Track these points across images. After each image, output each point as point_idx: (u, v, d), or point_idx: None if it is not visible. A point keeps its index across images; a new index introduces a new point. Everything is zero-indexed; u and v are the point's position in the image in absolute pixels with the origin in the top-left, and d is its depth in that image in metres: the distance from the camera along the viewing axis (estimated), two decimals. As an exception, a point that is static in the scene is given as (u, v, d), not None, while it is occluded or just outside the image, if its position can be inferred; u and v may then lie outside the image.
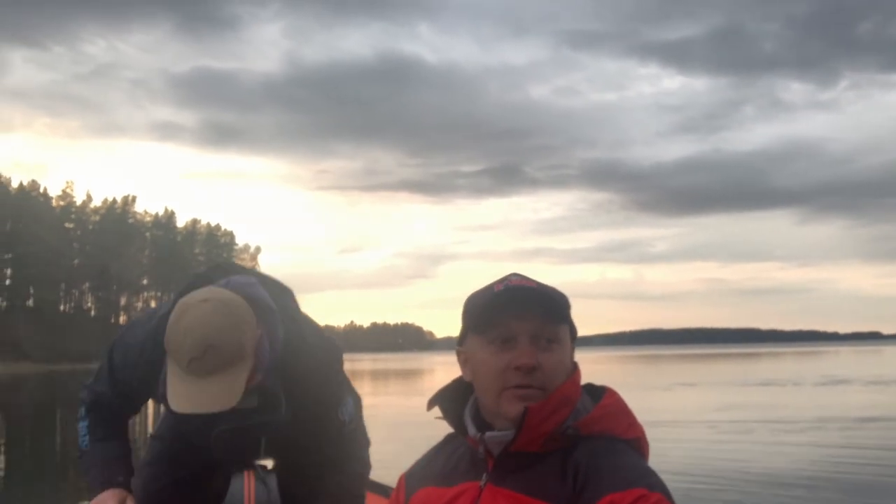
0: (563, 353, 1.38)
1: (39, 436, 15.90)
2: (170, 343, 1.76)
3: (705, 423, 14.05)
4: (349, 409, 2.11)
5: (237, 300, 1.81)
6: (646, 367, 52.84)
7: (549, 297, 1.38)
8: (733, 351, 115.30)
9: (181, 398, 1.76)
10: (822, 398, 20.16)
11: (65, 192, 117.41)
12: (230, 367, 1.75)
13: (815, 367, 42.02)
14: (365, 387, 32.74)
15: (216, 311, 1.75)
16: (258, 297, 1.90)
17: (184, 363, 1.74)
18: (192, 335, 1.72)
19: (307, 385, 2.00)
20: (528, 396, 1.34)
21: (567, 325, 1.42)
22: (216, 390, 1.74)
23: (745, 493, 7.19)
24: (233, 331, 1.75)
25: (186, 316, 1.74)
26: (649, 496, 1.25)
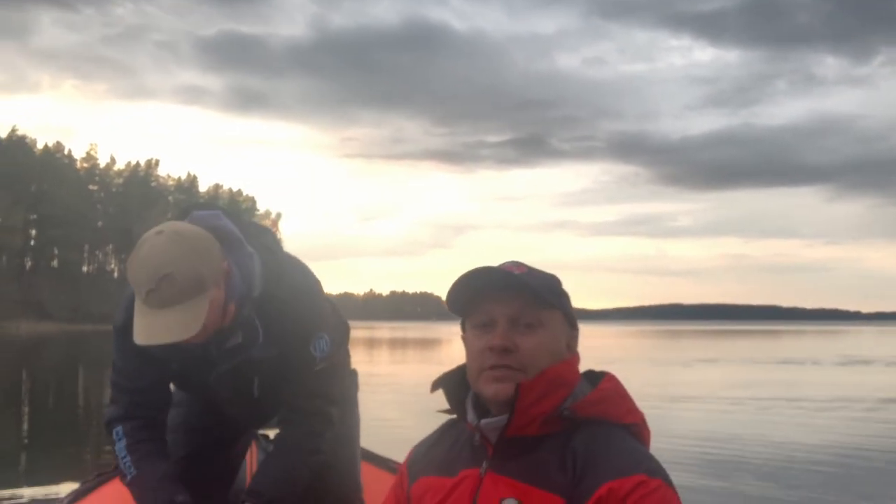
0: (546, 337, 1.38)
1: (62, 394, 16.14)
2: (129, 277, 1.75)
3: (723, 399, 13.99)
4: (323, 344, 2.02)
5: (195, 230, 1.78)
6: (665, 342, 52.75)
7: (529, 282, 1.37)
8: (753, 328, 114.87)
9: (140, 330, 1.74)
10: (842, 378, 20.01)
11: (89, 154, 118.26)
12: (188, 298, 1.72)
13: (835, 346, 41.76)
14: (383, 355, 32.97)
15: (171, 241, 1.73)
16: (221, 227, 1.86)
17: (142, 295, 1.72)
18: (146, 266, 1.71)
19: (286, 315, 1.96)
20: (503, 377, 1.35)
21: (556, 311, 1.41)
22: (173, 321, 1.71)
23: (760, 471, 7.14)
24: (187, 260, 1.72)
25: (143, 248, 1.73)
26: (649, 482, 1.26)
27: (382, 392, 14.46)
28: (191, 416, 2.25)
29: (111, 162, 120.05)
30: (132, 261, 1.74)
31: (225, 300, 1.82)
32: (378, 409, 10.75)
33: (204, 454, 2.25)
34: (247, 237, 1.95)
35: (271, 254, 1.99)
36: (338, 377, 2.17)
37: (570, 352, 1.43)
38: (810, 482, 6.74)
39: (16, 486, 6.21)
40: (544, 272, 1.45)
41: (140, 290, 1.73)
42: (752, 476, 6.94)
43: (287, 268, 2.02)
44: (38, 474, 6.87)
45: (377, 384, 15.86)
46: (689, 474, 6.90)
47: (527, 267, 1.44)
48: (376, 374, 19.47)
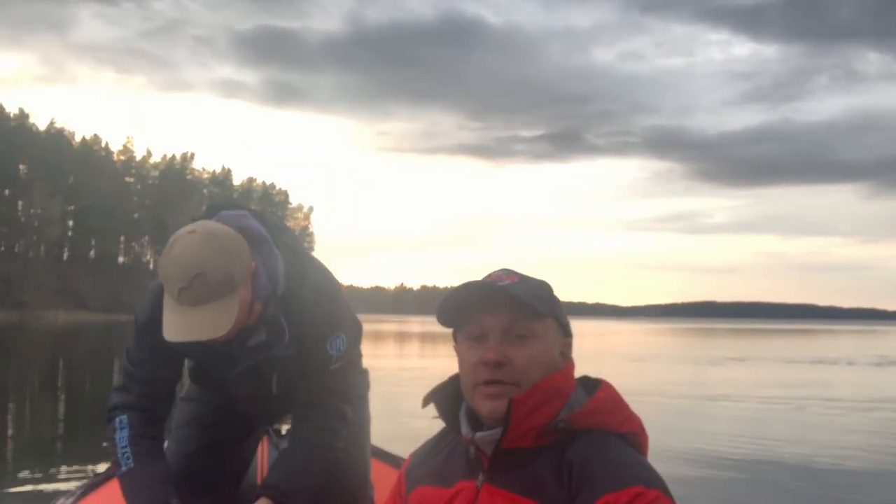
0: (539, 348, 1.36)
1: (97, 382, 16.41)
2: (161, 274, 1.79)
3: (754, 398, 13.84)
4: (339, 344, 2.06)
5: (226, 231, 1.83)
6: (697, 340, 52.23)
7: (519, 294, 1.35)
8: (788, 327, 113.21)
9: (172, 326, 1.79)
10: (877, 379, 19.68)
11: (125, 147, 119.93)
12: (219, 297, 1.77)
13: (872, 346, 41.02)
14: (413, 348, 33.05)
15: (204, 240, 1.77)
16: (249, 227, 1.92)
17: (174, 293, 1.77)
18: (180, 265, 1.75)
19: (306, 314, 2.00)
20: (497, 394, 1.33)
21: (549, 319, 1.39)
22: (205, 319, 1.77)
23: (789, 470, 7.07)
24: (220, 260, 1.76)
25: (175, 246, 1.77)
26: (646, 493, 1.24)
27: (414, 384, 14.53)
28: (204, 411, 2.29)
29: (147, 155, 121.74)
30: (165, 258, 1.78)
31: (251, 299, 1.88)
32: (406, 403, 10.82)
33: (216, 448, 2.28)
34: (272, 237, 1.99)
35: (294, 254, 2.04)
36: (352, 376, 2.20)
37: (564, 360, 1.41)
38: (839, 483, 6.67)
39: (51, 473, 6.36)
40: (535, 279, 1.44)
41: (172, 288, 1.77)
42: (782, 474, 6.88)
43: (309, 268, 2.06)
44: (73, 461, 7.01)
45: (407, 378, 15.92)
46: (718, 470, 6.87)
47: (517, 275, 1.42)
48: (407, 368, 19.54)
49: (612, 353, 29.55)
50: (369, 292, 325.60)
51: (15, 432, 9.28)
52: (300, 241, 2.15)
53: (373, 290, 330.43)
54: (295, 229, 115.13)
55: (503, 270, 1.44)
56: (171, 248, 1.78)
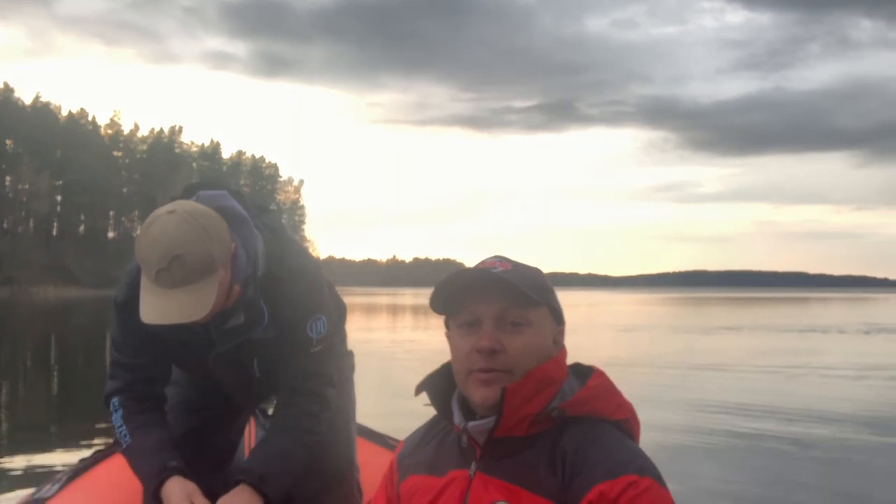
0: (533, 335, 1.36)
1: (90, 358, 16.38)
2: (138, 255, 1.75)
3: (745, 366, 13.93)
4: (319, 326, 2.02)
5: (206, 211, 1.79)
6: (689, 309, 52.50)
7: (514, 281, 1.34)
8: (780, 295, 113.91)
9: (150, 309, 1.74)
10: (867, 347, 19.82)
11: (112, 120, 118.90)
12: (198, 279, 1.73)
13: (862, 314, 41.33)
14: (406, 320, 33.11)
15: (182, 221, 1.73)
16: (229, 208, 1.87)
17: (151, 274, 1.73)
18: (158, 246, 1.71)
19: (285, 296, 1.97)
20: (491, 381, 1.33)
21: (542, 307, 1.39)
22: (185, 301, 1.73)
23: (781, 437, 7.12)
24: (200, 241, 1.72)
25: (153, 227, 1.73)
26: (639, 481, 1.24)
27: (406, 356, 14.57)
28: (188, 395, 2.26)
29: (135, 128, 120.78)
30: (142, 239, 1.74)
31: (230, 281, 1.84)
32: (399, 376, 10.84)
33: (202, 432, 2.25)
34: (251, 217, 1.95)
35: (274, 235, 2.00)
36: (334, 359, 2.16)
37: (556, 348, 1.41)
38: (833, 450, 6.71)
39: (44, 452, 6.34)
40: (529, 266, 1.43)
41: (150, 269, 1.73)
42: (776, 442, 6.93)
43: (288, 250, 2.02)
44: (67, 440, 6.98)
45: (400, 351, 15.94)
46: (711, 438, 6.91)
47: (511, 262, 1.41)
48: (399, 341, 19.58)
49: (603, 323, 29.66)
50: (361, 265, 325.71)
51: (7, 410, 9.24)
52: (281, 222, 2.11)
53: (365, 263, 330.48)
54: (285, 202, 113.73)
55: (496, 257, 1.43)
56: (148, 229, 1.74)
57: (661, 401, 8.86)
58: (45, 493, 2.44)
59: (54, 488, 2.46)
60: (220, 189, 1.95)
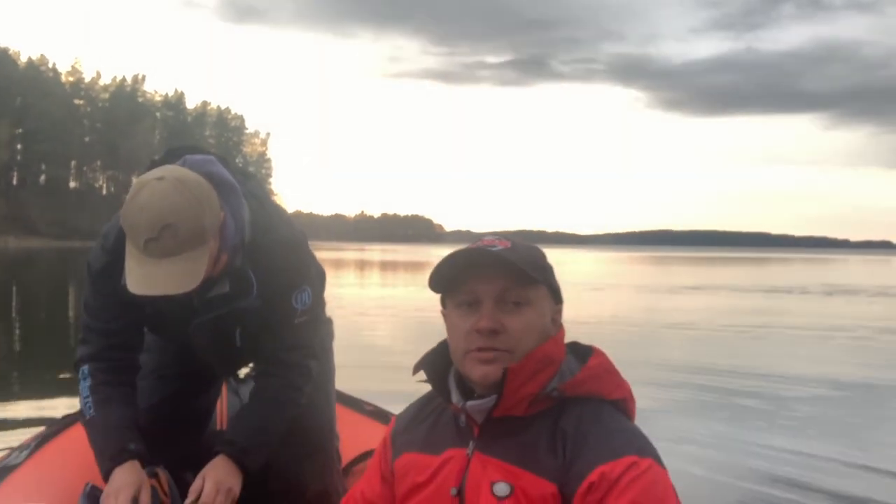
0: (533, 315, 1.36)
1: (53, 308, 16.16)
2: (125, 222, 1.66)
3: (709, 326, 14.13)
4: (304, 297, 2.00)
5: (196, 178, 1.71)
6: (654, 268, 53.13)
7: (514, 260, 1.34)
8: (742, 255, 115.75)
9: (138, 280, 1.66)
10: (830, 308, 20.22)
11: (74, 68, 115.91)
12: (189, 249, 1.66)
13: (822, 275, 42.12)
14: (374, 277, 33.09)
15: (173, 188, 1.64)
16: (217, 174, 1.80)
17: (140, 243, 1.64)
18: (147, 214, 1.62)
19: (272, 266, 1.92)
20: (491, 359, 1.33)
21: (542, 286, 1.37)
22: (175, 272, 1.65)
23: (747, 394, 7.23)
24: (191, 210, 1.65)
25: (142, 194, 1.64)
26: (640, 462, 1.25)
27: (377, 313, 14.56)
28: (163, 362, 2.20)
29: (97, 76, 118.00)
30: (130, 206, 1.65)
31: (219, 250, 1.78)
32: (371, 333, 10.82)
33: (177, 399, 2.21)
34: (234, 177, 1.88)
35: (260, 203, 1.93)
36: (317, 329, 2.12)
37: (555, 327, 1.40)
38: (803, 406, 6.83)
39: (10, 403, 6.22)
40: (528, 245, 1.41)
41: (138, 238, 1.64)
42: (743, 398, 7.03)
43: (275, 218, 1.97)
44: (31, 392, 6.86)
45: (371, 307, 15.92)
46: (677, 398, 6.98)
47: (510, 240, 1.39)
48: (370, 297, 19.54)
49: (571, 282, 29.88)
50: (329, 220, 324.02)
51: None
52: (265, 190, 2.05)
53: (333, 218, 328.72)
54: (252, 155, 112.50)
55: (495, 235, 1.41)
56: (136, 196, 1.64)
57: (626, 361, 8.95)
58: (14, 459, 2.39)
59: (22, 455, 2.41)
60: (206, 153, 1.86)
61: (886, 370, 9.57)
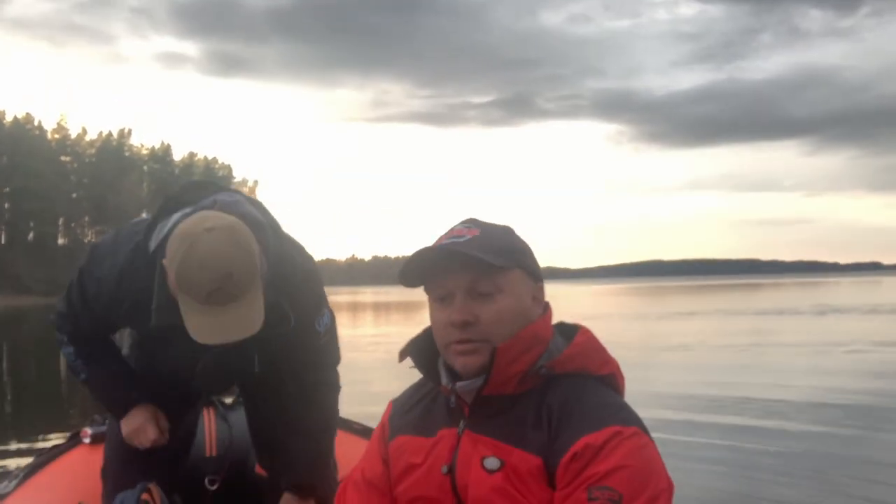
0: (505, 301, 1.35)
1: (43, 367, 16.01)
2: (184, 279, 1.66)
3: (702, 347, 14.13)
4: (325, 321, 2.08)
5: (238, 223, 1.73)
6: (645, 298, 53.18)
7: (477, 252, 1.33)
8: (733, 282, 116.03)
9: (204, 330, 1.68)
10: (821, 326, 20.26)
11: (59, 125, 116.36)
12: (248, 293, 1.69)
13: (813, 297, 42.24)
14: (367, 317, 32.97)
15: (227, 238, 1.67)
16: (249, 215, 1.83)
17: (203, 296, 1.66)
18: (208, 268, 1.64)
19: (295, 296, 1.96)
20: (469, 351, 1.34)
21: (515, 271, 1.37)
22: (237, 317, 1.69)
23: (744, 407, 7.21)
24: (246, 256, 1.68)
25: (197, 249, 1.65)
26: (624, 430, 1.26)
27: (368, 354, 14.50)
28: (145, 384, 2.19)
29: (83, 132, 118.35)
30: (188, 262, 1.65)
31: None
32: (365, 371, 10.77)
33: None
34: None
35: (276, 234, 1.95)
36: (336, 342, 2.20)
37: (537, 305, 1.40)
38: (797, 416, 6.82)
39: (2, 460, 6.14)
40: (498, 228, 1.41)
41: (199, 291, 1.66)
42: (738, 410, 7.01)
43: (290, 248, 2.01)
44: (24, 449, 6.79)
45: (364, 345, 15.86)
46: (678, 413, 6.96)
47: (479, 226, 1.39)
48: (363, 336, 19.47)
49: (565, 314, 29.79)
50: (321, 265, 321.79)
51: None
52: (274, 218, 2.05)
53: (324, 263, 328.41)
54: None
55: (466, 222, 1.41)
56: (191, 250, 1.64)
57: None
58: (2, 489, 2.40)
59: (11, 484, 2.41)
60: (232, 192, 1.91)
61: (882, 380, 9.60)
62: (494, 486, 1.28)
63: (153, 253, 1.82)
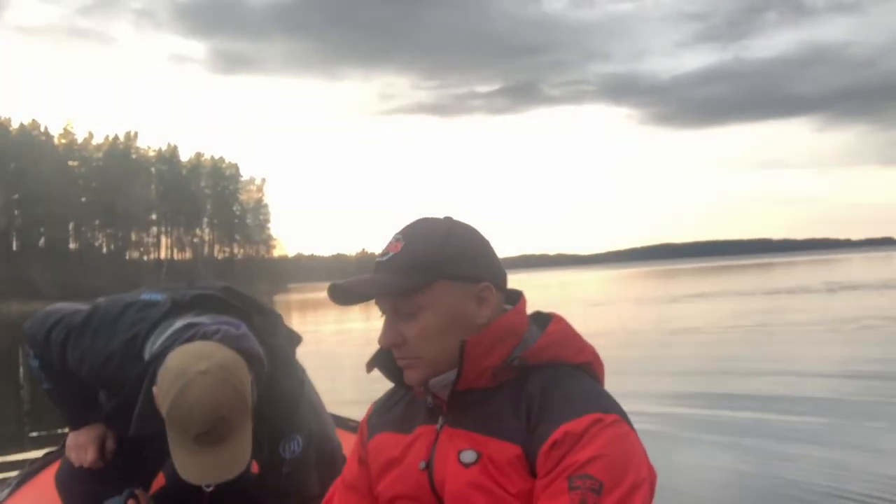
0: (429, 319, 1.32)
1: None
2: (175, 420, 1.65)
3: (717, 329, 14.09)
4: (293, 446, 2.02)
5: (236, 362, 1.72)
6: (657, 282, 53.03)
7: (387, 280, 1.32)
8: (745, 262, 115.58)
9: (192, 471, 1.68)
10: (834, 303, 20.18)
11: (66, 130, 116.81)
12: (237, 432, 1.69)
13: (825, 274, 42.03)
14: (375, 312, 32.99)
15: (221, 381, 1.65)
16: (251, 350, 1.81)
17: (191, 437, 1.66)
18: (199, 412, 1.63)
19: (264, 417, 1.93)
20: (407, 366, 1.35)
21: (439, 283, 1.31)
22: (227, 458, 1.69)
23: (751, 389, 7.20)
24: (239, 399, 1.68)
25: (189, 391, 1.63)
26: (604, 418, 1.24)
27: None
28: None
29: (89, 136, 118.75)
30: (179, 402, 1.64)
31: None
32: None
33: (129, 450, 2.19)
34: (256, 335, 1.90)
35: (269, 351, 1.93)
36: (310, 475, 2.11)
37: (481, 306, 1.33)
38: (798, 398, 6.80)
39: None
40: (422, 239, 1.34)
41: (188, 433, 1.65)
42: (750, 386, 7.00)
43: (276, 371, 1.97)
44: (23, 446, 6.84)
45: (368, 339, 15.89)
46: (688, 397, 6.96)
47: (404, 240, 1.34)
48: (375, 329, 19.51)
49: (576, 300, 29.91)
50: (331, 260, 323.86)
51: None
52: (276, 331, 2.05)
53: (334, 258, 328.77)
54: (249, 202, 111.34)
55: (397, 234, 1.36)
56: (183, 392, 1.63)
57: (637, 363, 8.92)
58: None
59: (4, 493, 2.44)
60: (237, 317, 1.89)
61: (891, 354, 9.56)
62: (470, 479, 1.27)
63: (147, 362, 1.83)
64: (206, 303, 1.91)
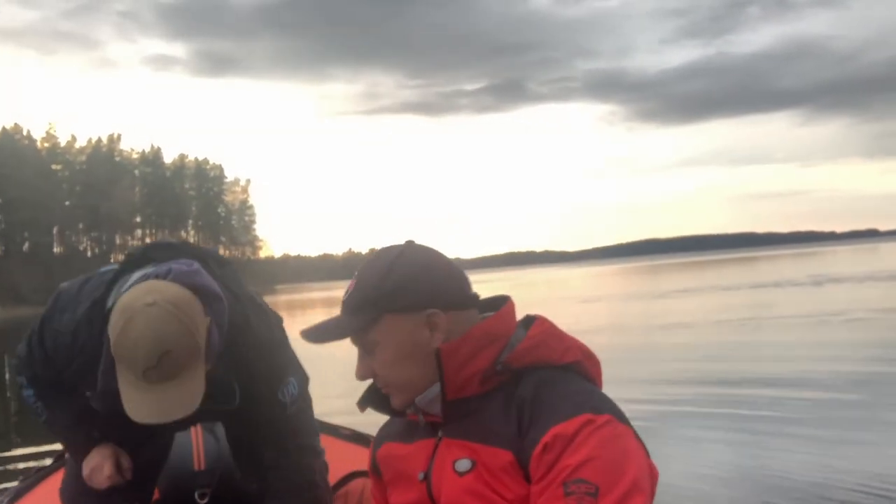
0: (385, 353, 1.34)
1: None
2: (119, 353, 1.59)
3: (703, 323, 14.15)
4: (291, 389, 2.00)
5: (185, 296, 1.65)
6: (643, 277, 53.23)
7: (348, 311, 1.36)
8: (730, 256, 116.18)
9: (140, 408, 1.62)
10: (820, 296, 20.31)
11: (49, 133, 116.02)
12: (187, 370, 1.62)
13: (810, 267, 42.29)
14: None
15: (167, 314, 1.58)
16: (204, 286, 1.73)
17: (139, 372, 1.59)
18: (144, 345, 1.56)
19: (252, 370, 1.90)
20: (389, 393, 1.39)
21: (385, 317, 1.33)
22: (177, 396, 1.62)
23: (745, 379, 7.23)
24: (186, 333, 1.60)
25: (135, 323, 1.57)
26: (596, 419, 1.22)
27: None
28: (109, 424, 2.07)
29: (72, 139, 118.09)
30: (124, 337, 1.58)
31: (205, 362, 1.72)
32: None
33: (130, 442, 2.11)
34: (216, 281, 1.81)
35: (236, 298, 1.89)
36: (311, 410, 2.13)
37: (435, 331, 1.32)
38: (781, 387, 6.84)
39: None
40: (367, 274, 1.36)
41: (136, 368, 1.59)
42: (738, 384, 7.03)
43: (250, 315, 1.93)
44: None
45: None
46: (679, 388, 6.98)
47: (357, 277, 1.38)
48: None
49: (563, 297, 29.96)
50: (317, 260, 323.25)
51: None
52: (238, 276, 2.01)
53: (321, 258, 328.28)
54: (234, 203, 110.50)
55: (356, 271, 1.40)
56: (128, 324, 1.58)
57: (624, 359, 8.94)
58: None
59: (5, 501, 2.42)
60: (189, 260, 1.80)
61: (882, 347, 9.63)
62: (465, 487, 1.27)
63: (108, 312, 1.72)
64: (161, 254, 1.83)
